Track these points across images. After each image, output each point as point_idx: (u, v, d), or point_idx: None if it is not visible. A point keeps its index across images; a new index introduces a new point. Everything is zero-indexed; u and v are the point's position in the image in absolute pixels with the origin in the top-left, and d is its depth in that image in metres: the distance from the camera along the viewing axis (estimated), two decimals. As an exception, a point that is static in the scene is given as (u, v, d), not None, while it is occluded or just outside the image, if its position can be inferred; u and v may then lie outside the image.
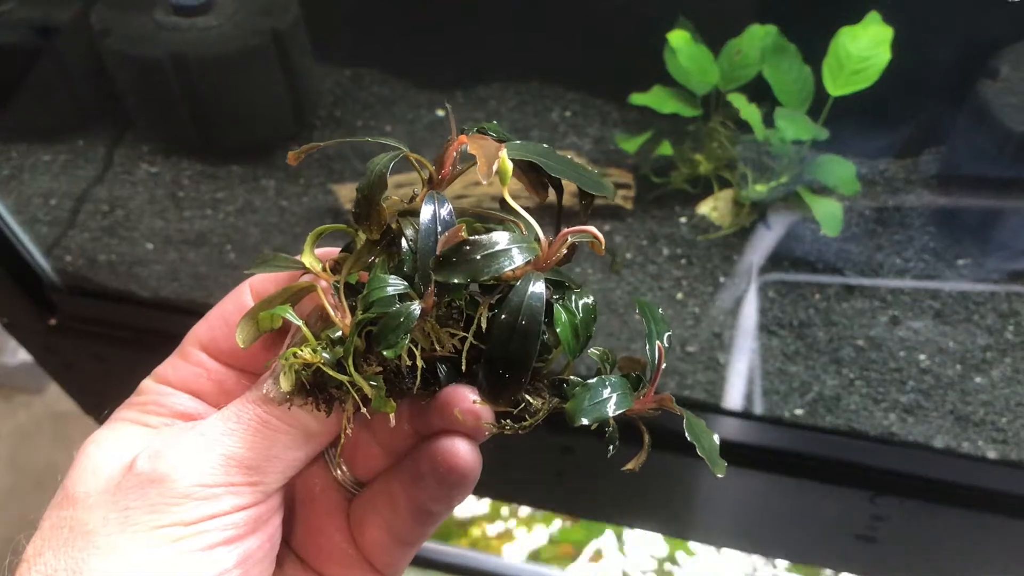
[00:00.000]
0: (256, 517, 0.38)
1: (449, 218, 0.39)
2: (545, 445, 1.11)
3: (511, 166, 0.38)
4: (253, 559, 0.38)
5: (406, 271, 0.39)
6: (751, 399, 1.06)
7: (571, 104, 1.34)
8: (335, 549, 0.44)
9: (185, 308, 1.18)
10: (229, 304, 0.44)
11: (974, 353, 1.05)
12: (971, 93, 1.05)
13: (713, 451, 0.39)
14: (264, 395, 0.39)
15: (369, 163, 0.40)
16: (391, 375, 0.39)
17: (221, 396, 0.43)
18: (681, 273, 1.15)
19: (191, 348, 0.44)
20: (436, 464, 0.39)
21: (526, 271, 0.38)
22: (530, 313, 0.37)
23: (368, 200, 0.39)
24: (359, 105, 1.37)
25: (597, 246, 0.38)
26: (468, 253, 0.37)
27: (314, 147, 0.43)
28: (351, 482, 0.45)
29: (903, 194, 1.16)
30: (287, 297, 0.40)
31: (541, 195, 0.42)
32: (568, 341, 0.38)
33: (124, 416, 0.42)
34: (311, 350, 0.38)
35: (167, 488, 0.36)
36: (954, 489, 1.01)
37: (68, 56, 1.31)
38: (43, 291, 1.22)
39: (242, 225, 1.25)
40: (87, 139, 1.37)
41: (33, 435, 2.09)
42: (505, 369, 0.37)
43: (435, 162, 0.41)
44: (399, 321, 0.37)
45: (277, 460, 0.39)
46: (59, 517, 0.37)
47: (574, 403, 0.38)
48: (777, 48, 1.07)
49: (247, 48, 1.24)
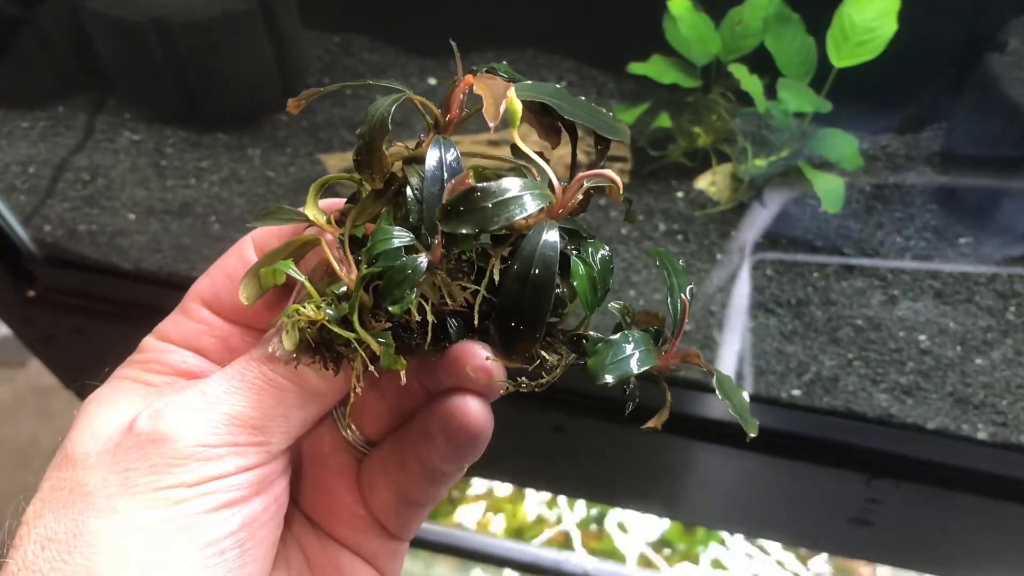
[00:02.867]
0: (261, 478, 0.38)
1: (456, 164, 0.37)
2: (535, 423, 1.09)
3: (520, 106, 0.36)
4: (258, 521, 0.37)
5: (412, 222, 0.37)
6: (742, 379, 1.04)
7: (566, 74, 1.32)
8: (345, 510, 0.43)
9: (168, 280, 1.17)
10: (232, 258, 0.42)
11: (975, 334, 1.04)
12: (978, 67, 1.03)
13: (744, 409, 0.37)
14: (269, 353, 0.38)
15: (370, 107, 0.38)
16: (400, 331, 0.37)
17: (225, 353, 0.42)
18: (678, 249, 1.13)
19: (193, 304, 0.42)
20: (447, 423, 0.38)
21: (539, 219, 0.36)
22: (543, 263, 0.35)
23: (369, 146, 0.38)
24: (348, 72, 1.35)
25: (614, 191, 0.36)
26: (477, 201, 0.35)
27: (316, 92, 0.41)
28: (361, 442, 0.44)
29: (904, 171, 1.15)
30: (290, 251, 0.39)
31: (554, 140, 0.40)
32: (585, 294, 0.36)
33: (125, 374, 0.41)
34: (315, 307, 0.36)
35: (168, 448, 0.35)
36: (951, 472, 1.01)
37: (48, 19, 1.28)
38: (21, 262, 1.20)
39: (227, 195, 1.23)
40: (67, 105, 1.34)
41: (16, 409, 2.09)
42: (518, 322, 0.35)
43: (441, 105, 0.39)
44: (405, 275, 0.35)
45: (283, 420, 0.38)
46: (59, 478, 0.36)
47: (596, 360, 0.36)
48: (780, 17, 1.05)
49: (232, 12, 1.21)
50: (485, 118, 0.35)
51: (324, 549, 0.43)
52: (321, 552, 0.43)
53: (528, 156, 0.37)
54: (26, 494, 0.37)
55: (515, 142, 0.37)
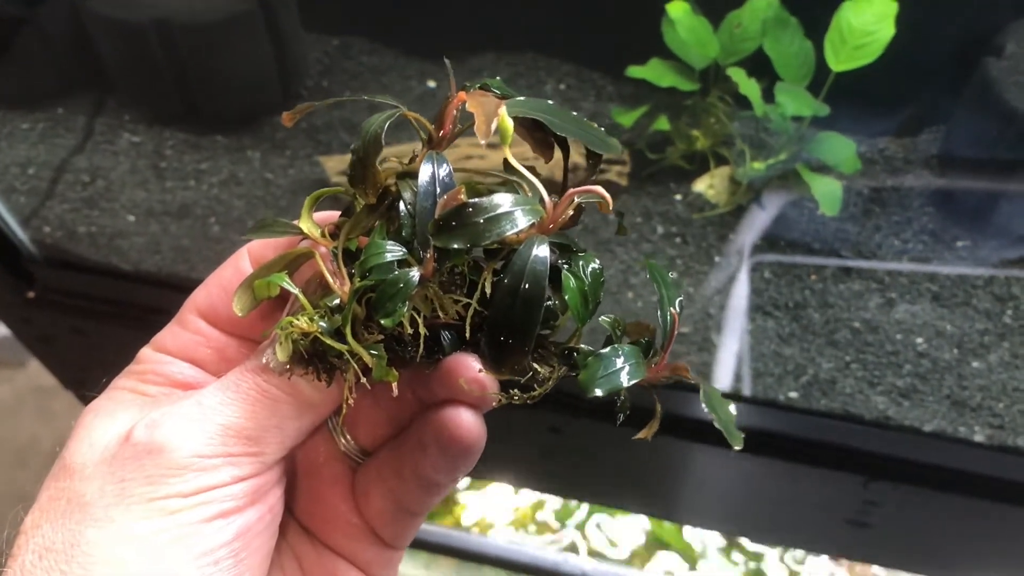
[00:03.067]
0: (256, 488, 0.38)
1: (448, 179, 0.38)
2: (532, 424, 1.09)
3: (511, 124, 0.36)
4: (253, 531, 0.38)
5: (405, 236, 0.37)
6: (740, 380, 1.04)
7: (565, 77, 1.32)
8: (340, 519, 0.43)
9: (167, 282, 1.17)
10: (228, 270, 0.43)
11: (972, 337, 1.04)
12: (975, 70, 1.03)
13: (730, 422, 0.38)
14: (263, 364, 0.38)
15: (364, 123, 0.39)
16: (393, 343, 0.38)
17: (221, 364, 0.42)
18: (676, 252, 1.13)
19: (190, 315, 0.43)
20: (440, 434, 0.39)
21: (530, 234, 0.36)
22: (534, 277, 0.35)
23: (363, 162, 0.38)
24: (347, 75, 1.35)
25: (604, 206, 0.36)
26: (469, 216, 0.35)
27: (310, 107, 0.42)
28: (355, 451, 0.44)
29: (902, 174, 1.15)
30: (285, 264, 0.40)
31: (547, 155, 0.40)
32: (577, 307, 0.37)
33: (122, 385, 0.42)
34: (308, 319, 0.37)
35: (164, 459, 0.36)
36: (949, 474, 1.01)
37: (48, 20, 1.28)
38: (21, 263, 1.20)
39: (226, 197, 1.23)
40: (67, 107, 1.34)
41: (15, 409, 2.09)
42: (508, 336, 0.36)
43: (434, 121, 0.39)
44: (397, 288, 0.36)
45: (277, 430, 0.38)
46: (57, 488, 0.37)
47: (587, 373, 0.37)
48: (778, 21, 1.05)
49: (232, 14, 1.22)
50: (476, 135, 0.35)
51: (319, 558, 0.43)
52: (316, 561, 0.43)
53: (519, 172, 0.37)
54: (24, 504, 0.37)
55: (507, 158, 0.37)
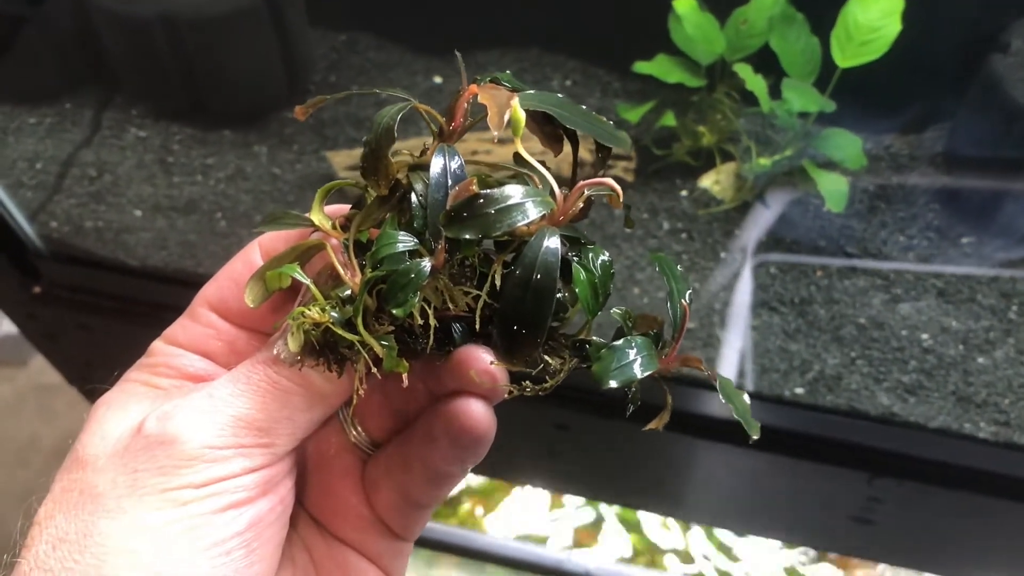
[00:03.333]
0: (267, 479, 0.38)
1: (460, 171, 0.38)
2: (539, 421, 1.09)
3: (524, 116, 0.36)
4: (264, 522, 0.38)
5: (416, 227, 0.38)
6: (743, 376, 1.04)
7: (572, 73, 1.32)
8: (350, 511, 0.44)
9: (174, 277, 1.17)
10: (238, 263, 0.43)
11: (977, 333, 1.04)
12: (981, 67, 1.03)
13: (746, 412, 0.38)
14: (274, 356, 0.38)
15: (376, 115, 0.39)
16: (403, 334, 0.38)
17: (232, 357, 0.42)
18: (682, 248, 1.13)
19: (201, 308, 0.43)
20: (450, 426, 0.39)
21: (541, 226, 0.36)
22: (545, 269, 0.35)
23: (375, 153, 0.38)
24: (354, 71, 1.35)
25: (615, 199, 0.37)
26: (480, 207, 0.35)
27: (322, 100, 0.41)
28: (366, 443, 0.44)
29: (908, 171, 1.15)
30: (296, 255, 0.40)
31: (556, 149, 0.41)
32: (587, 299, 0.37)
33: (134, 378, 0.42)
34: (319, 309, 0.37)
35: (176, 450, 0.36)
36: (953, 471, 1.01)
37: (55, 15, 1.28)
38: (27, 258, 1.20)
39: (233, 192, 1.23)
40: (74, 101, 1.34)
41: (17, 408, 2.09)
42: (520, 327, 0.36)
43: (445, 114, 0.39)
44: (408, 279, 0.36)
45: (288, 421, 0.38)
46: (70, 480, 0.37)
47: (601, 365, 0.37)
48: (785, 17, 1.05)
49: (239, 9, 1.22)
50: (489, 127, 0.35)
51: (329, 549, 0.44)
52: (326, 552, 0.44)
53: (530, 164, 0.38)
54: (38, 495, 0.37)
55: (518, 150, 0.38)
